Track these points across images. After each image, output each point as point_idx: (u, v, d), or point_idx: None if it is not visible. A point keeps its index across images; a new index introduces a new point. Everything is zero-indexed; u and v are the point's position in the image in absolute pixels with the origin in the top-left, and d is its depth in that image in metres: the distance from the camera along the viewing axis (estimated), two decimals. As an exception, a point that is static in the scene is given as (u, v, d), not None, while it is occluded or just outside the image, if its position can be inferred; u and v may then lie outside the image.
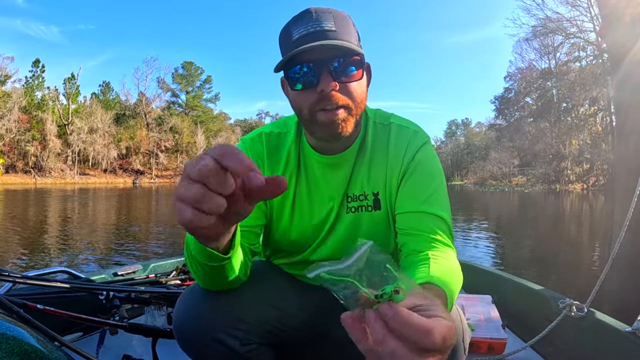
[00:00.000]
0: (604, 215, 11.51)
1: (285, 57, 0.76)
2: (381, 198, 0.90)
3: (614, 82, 2.61)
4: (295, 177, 0.92)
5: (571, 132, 35.14)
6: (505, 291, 1.87)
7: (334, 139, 0.81)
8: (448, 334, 0.36)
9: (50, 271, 1.61)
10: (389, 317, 0.36)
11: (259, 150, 0.93)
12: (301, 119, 0.83)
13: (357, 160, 0.91)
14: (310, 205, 0.92)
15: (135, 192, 26.89)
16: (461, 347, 0.70)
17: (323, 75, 0.75)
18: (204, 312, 0.79)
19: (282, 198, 0.93)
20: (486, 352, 1.46)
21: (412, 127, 0.92)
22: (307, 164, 0.92)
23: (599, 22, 26.72)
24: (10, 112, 41.42)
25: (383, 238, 0.92)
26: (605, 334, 1.28)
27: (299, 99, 0.79)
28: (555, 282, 4.05)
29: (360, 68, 0.79)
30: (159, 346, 1.25)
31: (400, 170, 0.87)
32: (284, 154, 0.92)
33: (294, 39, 0.76)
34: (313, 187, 0.92)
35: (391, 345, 0.36)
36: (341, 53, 0.75)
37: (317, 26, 0.75)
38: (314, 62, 0.75)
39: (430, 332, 0.35)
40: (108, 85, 57.44)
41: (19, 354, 0.55)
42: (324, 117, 0.78)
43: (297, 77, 0.77)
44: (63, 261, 4.87)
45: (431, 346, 0.35)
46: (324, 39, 0.74)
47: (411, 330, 0.35)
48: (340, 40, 0.74)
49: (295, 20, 0.78)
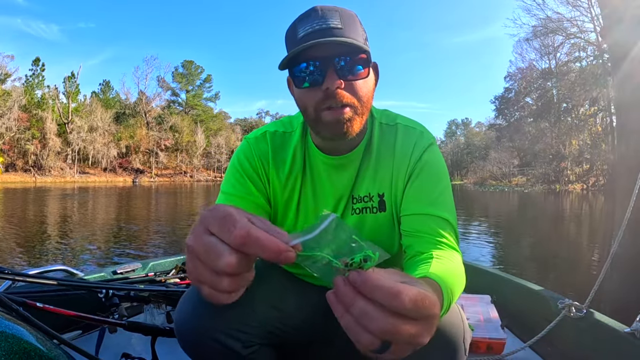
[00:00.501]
0: (604, 216, 11.52)
1: (289, 53, 0.74)
2: (386, 199, 0.89)
3: (615, 82, 2.61)
4: (300, 177, 0.91)
5: (571, 132, 35.12)
6: (505, 291, 1.87)
7: (339, 138, 0.80)
8: (419, 298, 0.36)
9: (49, 269, 1.61)
10: (359, 284, 0.36)
11: (264, 150, 0.92)
12: (307, 118, 0.82)
13: (362, 162, 0.90)
14: (315, 206, 0.92)
15: (135, 190, 26.89)
16: (462, 347, 0.70)
17: (328, 73, 0.74)
18: (206, 313, 0.79)
19: (288, 199, 0.92)
20: (485, 352, 1.46)
21: (418, 127, 0.92)
22: (312, 164, 0.92)
23: (599, 23, 26.71)
24: (10, 110, 41.39)
25: (387, 240, 0.91)
26: (604, 335, 1.28)
27: (305, 98, 0.78)
28: (555, 282, 4.05)
29: (366, 67, 0.77)
30: (158, 344, 1.25)
31: (407, 171, 0.87)
32: (290, 154, 0.91)
33: (299, 36, 0.74)
34: (318, 188, 0.92)
35: (360, 306, 0.36)
36: (347, 51, 0.74)
37: (322, 23, 0.74)
38: (320, 59, 0.74)
39: (398, 294, 0.35)
40: (108, 84, 57.46)
41: (18, 352, 0.55)
42: (329, 117, 0.76)
43: (303, 75, 0.76)
44: (62, 259, 4.87)
45: (401, 309, 0.35)
46: (330, 36, 0.72)
47: (380, 293, 0.35)
48: (347, 38, 0.73)
49: (301, 18, 0.76)
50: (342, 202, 0.90)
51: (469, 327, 0.75)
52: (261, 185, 0.90)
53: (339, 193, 0.90)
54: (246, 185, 0.89)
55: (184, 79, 61.42)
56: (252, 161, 0.91)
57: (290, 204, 0.92)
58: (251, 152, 0.92)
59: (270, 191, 0.92)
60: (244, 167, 0.90)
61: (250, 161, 0.91)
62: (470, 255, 5.26)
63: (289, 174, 0.91)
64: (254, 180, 0.89)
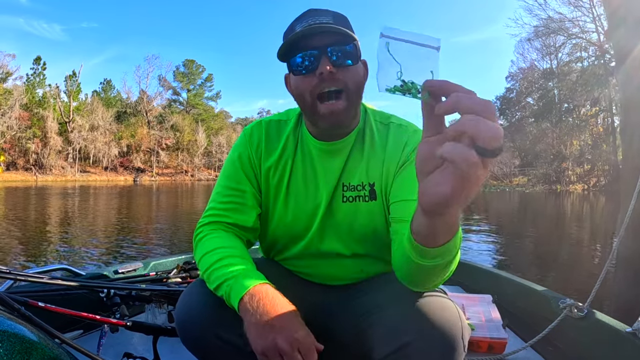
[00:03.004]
0: (605, 216, 11.51)
1: (286, 40, 0.83)
2: (377, 189, 0.92)
3: (619, 81, 2.60)
4: (291, 160, 0.96)
5: (572, 132, 35.07)
6: (506, 291, 1.87)
7: (335, 129, 0.89)
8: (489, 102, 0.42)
9: (51, 269, 1.61)
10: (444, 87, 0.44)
11: (258, 138, 0.97)
12: (303, 106, 0.89)
13: (353, 149, 0.94)
14: (305, 189, 0.95)
15: (136, 189, 26.92)
16: (460, 344, 0.71)
17: (322, 59, 0.82)
18: (207, 309, 0.79)
19: (278, 182, 0.96)
20: (486, 351, 1.46)
21: (411, 127, 0.95)
22: (304, 149, 0.96)
23: (600, 23, 26.73)
24: (12, 109, 41.44)
25: (381, 228, 0.93)
26: (606, 335, 1.28)
27: (301, 85, 0.85)
28: (556, 282, 4.05)
29: (356, 57, 0.85)
30: (160, 344, 1.25)
31: (398, 163, 0.90)
32: (283, 139, 0.97)
33: (295, 31, 0.83)
34: (309, 171, 0.95)
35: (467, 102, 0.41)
36: (339, 41, 0.83)
37: (317, 20, 0.83)
38: (314, 49, 0.82)
39: (473, 94, 0.42)
40: (109, 83, 57.48)
41: (21, 352, 0.55)
42: (324, 110, 0.84)
43: (298, 63, 0.84)
44: (64, 259, 4.88)
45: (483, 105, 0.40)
46: (324, 28, 0.82)
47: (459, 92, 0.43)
48: (338, 27, 0.81)
49: (297, 18, 0.87)
50: (332, 185, 0.94)
51: (467, 325, 0.75)
52: (252, 174, 0.97)
53: (330, 177, 0.94)
54: (240, 175, 0.96)
55: (185, 78, 61.44)
56: (246, 152, 0.97)
57: (281, 186, 0.96)
58: (246, 142, 0.98)
59: (262, 178, 0.97)
60: (238, 158, 0.97)
61: (245, 152, 0.97)
62: (471, 255, 5.26)
63: (279, 157, 0.96)
64: (246, 171, 0.96)
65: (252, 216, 0.94)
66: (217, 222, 0.93)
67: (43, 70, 48.48)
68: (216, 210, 0.94)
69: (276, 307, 0.72)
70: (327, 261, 0.98)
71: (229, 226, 0.93)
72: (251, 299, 0.73)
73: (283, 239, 1.00)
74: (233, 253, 0.84)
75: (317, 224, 0.94)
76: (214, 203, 0.96)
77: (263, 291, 0.74)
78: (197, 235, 0.93)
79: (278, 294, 0.76)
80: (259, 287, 0.75)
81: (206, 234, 0.91)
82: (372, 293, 0.88)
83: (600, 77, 29.35)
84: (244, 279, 0.76)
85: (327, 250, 0.96)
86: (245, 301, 0.73)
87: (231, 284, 0.76)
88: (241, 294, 0.74)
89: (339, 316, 0.92)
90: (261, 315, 0.71)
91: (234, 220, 0.93)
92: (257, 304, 0.72)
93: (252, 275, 0.78)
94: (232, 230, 0.93)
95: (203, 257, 0.86)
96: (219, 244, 0.86)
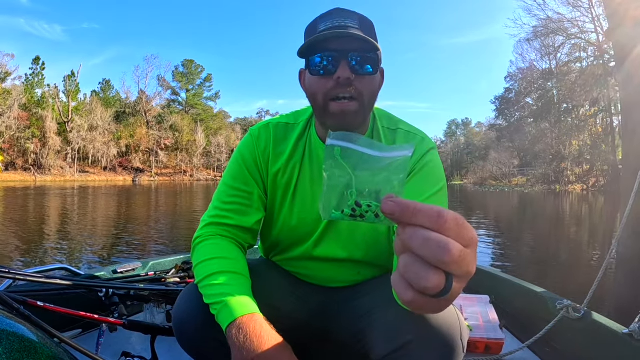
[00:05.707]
0: (604, 216, 11.52)
1: (309, 40, 0.80)
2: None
3: (619, 80, 2.60)
4: (299, 165, 0.94)
5: (571, 132, 35.11)
6: (504, 292, 1.87)
7: (343, 130, 0.83)
8: (457, 217, 0.35)
9: (50, 268, 1.62)
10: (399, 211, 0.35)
11: (266, 140, 0.95)
12: (315, 106, 0.86)
13: None
14: (312, 192, 0.94)
15: (135, 190, 26.88)
16: (460, 345, 0.71)
17: (342, 64, 0.79)
18: (204, 310, 0.79)
19: (286, 186, 0.95)
20: (484, 352, 1.46)
21: (419, 134, 0.94)
22: (312, 154, 0.94)
23: (599, 24, 26.74)
24: (10, 109, 41.34)
25: (383, 237, 0.92)
26: (603, 335, 1.28)
27: (316, 85, 0.83)
28: (554, 282, 4.06)
29: (376, 66, 0.83)
30: (158, 343, 1.26)
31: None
32: (291, 143, 0.95)
33: (319, 30, 0.81)
34: (317, 175, 0.93)
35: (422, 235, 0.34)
36: (361, 47, 0.80)
37: (342, 22, 0.80)
38: (335, 52, 0.79)
39: (440, 213, 0.34)
40: (108, 83, 57.36)
41: (19, 350, 0.55)
42: (336, 108, 0.81)
43: (317, 63, 0.81)
44: (63, 258, 4.87)
45: (446, 228, 0.34)
46: (348, 33, 0.78)
47: (422, 216, 0.34)
48: (363, 35, 0.78)
49: (322, 16, 0.83)
50: None
51: (466, 326, 0.76)
52: (259, 176, 0.95)
53: None
54: (245, 176, 0.94)
55: (184, 78, 61.39)
56: (252, 153, 0.95)
57: (288, 190, 0.95)
58: (253, 144, 0.95)
59: (268, 180, 0.95)
60: (244, 159, 0.95)
61: (251, 153, 0.95)
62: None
63: (288, 161, 0.94)
64: (252, 172, 0.94)
65: (255, 218, 0.94)
66: (218, 224, 0.92)
67: (42, 70, 48.40)
68: (219, 210, 0.93)
69: (262, 343, 0.70)
70: (326, 264, 0.98)
71: (229, 229, 0.91)
72: (238, 332, 0.71)
73: (286, 241, 0.99)
74: (227, 268, 0.82)
75: (321, 228, 0.94)
76: (217, 202, 0.94)
77: (251, 325, 0.72)
78: (197, 238, 0.92)
79: (266, 327, 0.74)
80: (247, 319, 0.73)
81: (204, 239, 0.90)
82: (372, 294, 0.88)
83: (599, 77, 29.37)
84: (233, 305, 0.75)
85: (327, 255, 0.96)
86: (232, 333, 0.72)
87: (218, 309, 0.76)
88: (228, 321, 0.73)
89: (339, 317, 0.93)
90: (247, 352, 0.69)
91: (237, 222, 0.92)
92: (244, 338, 0.70)
93: (242, 302, 0.76)
94: (232, 234, 0.92)
95: (198, 265, 0.85)
96: (216, 253, 0.85)
